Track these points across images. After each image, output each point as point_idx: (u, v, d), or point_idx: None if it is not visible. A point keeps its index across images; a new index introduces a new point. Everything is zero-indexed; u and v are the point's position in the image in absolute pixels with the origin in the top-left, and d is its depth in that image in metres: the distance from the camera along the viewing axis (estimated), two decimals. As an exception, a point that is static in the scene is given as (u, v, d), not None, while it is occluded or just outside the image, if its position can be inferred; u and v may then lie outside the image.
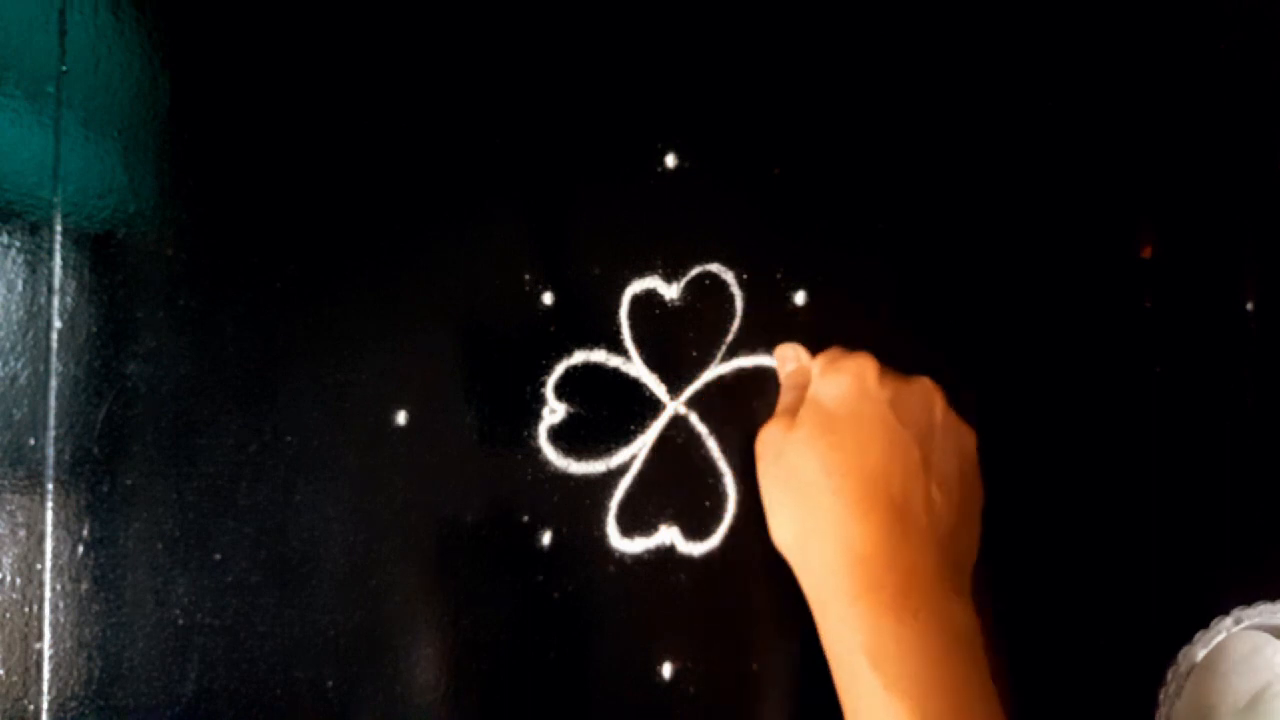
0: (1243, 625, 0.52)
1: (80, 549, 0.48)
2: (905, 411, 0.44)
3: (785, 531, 0.45)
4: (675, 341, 0.51)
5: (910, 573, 0.42)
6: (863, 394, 0.45)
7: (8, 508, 0.47)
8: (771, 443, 0.46)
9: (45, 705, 0.48)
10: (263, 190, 0.49)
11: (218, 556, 0.48)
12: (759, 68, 0.51)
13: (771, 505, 0.46)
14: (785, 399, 0.49)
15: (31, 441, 0.47)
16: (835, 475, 0.43)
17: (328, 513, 0.49)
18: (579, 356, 0.51)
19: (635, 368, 0.51)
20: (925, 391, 0.45)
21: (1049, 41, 0.53)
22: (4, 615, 0.47)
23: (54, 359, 0.47)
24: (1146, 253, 0.54)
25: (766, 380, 0.52)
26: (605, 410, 0.51)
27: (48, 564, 0.48)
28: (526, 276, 0.50)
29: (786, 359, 0.50)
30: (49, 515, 0.47)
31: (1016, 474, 0.53)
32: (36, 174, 0.47)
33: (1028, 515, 0.53)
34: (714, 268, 0.51)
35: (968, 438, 0.46)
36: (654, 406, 0.51)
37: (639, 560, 0.51)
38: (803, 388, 0.48)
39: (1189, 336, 0.54)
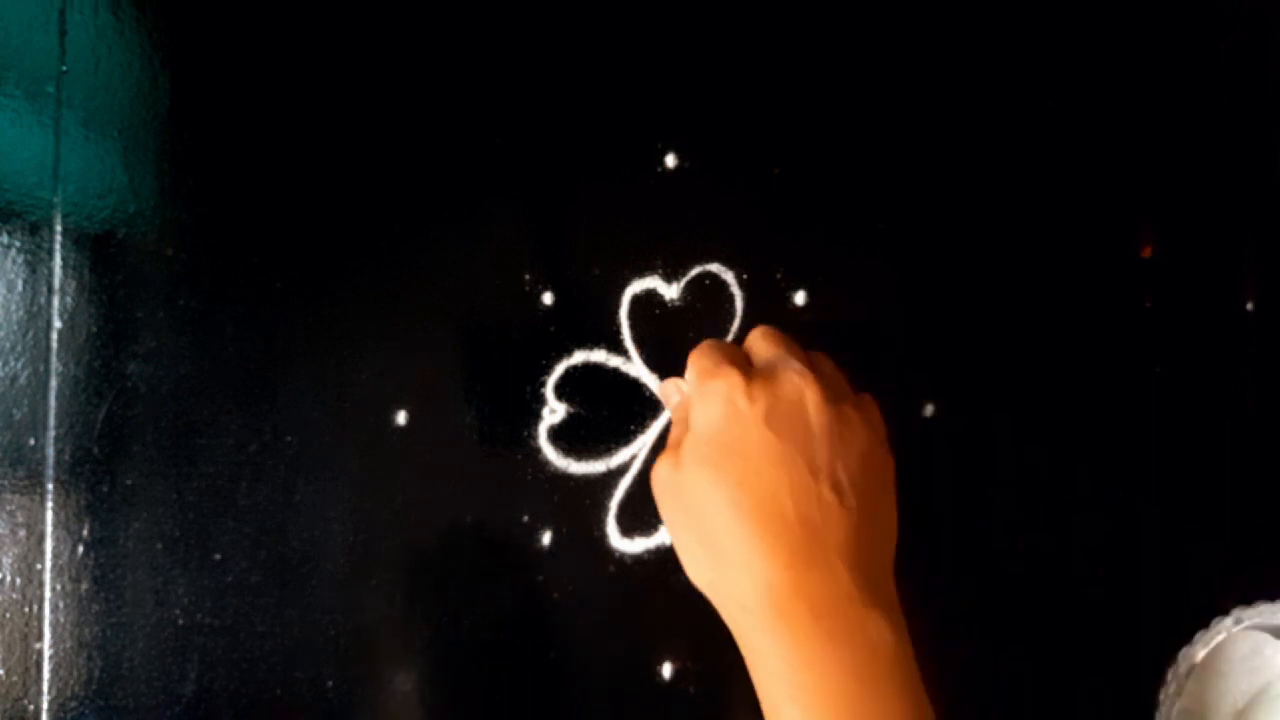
0: (1243, 625, 0.52)
1: (80, 549, 0.48)
2: (781, 421, 0.41)
3: (698, 571, 0.43)
4: (675, 341, 0.51)
5: (819, 593, 0.40)
6: (735, 416, 0.42)
7: (8, 508, 0.47)
8: (663, 482, 0.44)
9: (45, 705, 0.48)
10: (263, 190, 0.49)
11: (218, 556, 0.48)
12: (759, 68, 0.51)
13: (679, 546, 0.44)
14: (674, 432, 0.47)
15: (31, 441, 0.47)
16: (727, 508, 0.41)
17: (328, 513, 0.49)
18: (579, 356, 0.51)
19: (635, 368, 0.51)
20: (797, 392, 0.42)
21: (1049, 41, 0.53)
22: (4, 615, 0.47)
23: (54, 359, 0.47)
24: (1146, 253, 0.54)
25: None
26: (605, 410, 0.51)
27: (48, 564, 0.48)
28: (526, 276, 0.50)
29: (670, 395, 0.48)
30: (49, 515, 0.47)
31: (1016, 474, 0.53)
32: (36, 174, 0.47)
33: (1028, 515, 0.53)
34: (714, 268, 0.51)
35: (856, 427, 0.43)
36: (654, 406, 0.51)
37: (639, 560, 0.51)
38: (687, 420, 0.45)
39: (1189, 336, 0.54)
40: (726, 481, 0.41)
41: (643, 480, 0.51)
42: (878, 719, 0.39)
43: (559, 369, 0.50)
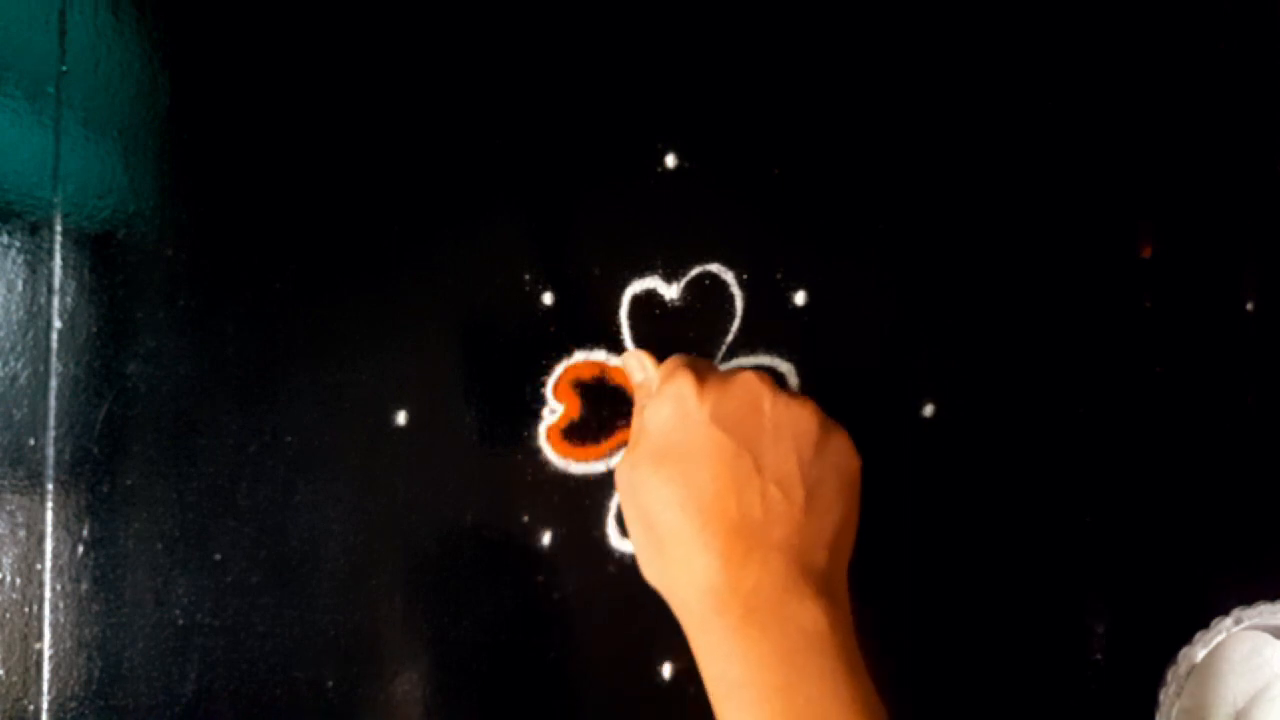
0: (1243, 625, 0.52)
1: (80, 549, 0.48)
2: (729, 419, 0.42)
3: (650, 569, 0.44)
4: (675, 341, 0.51)
5: (755, 590, 0.40)
6: (684, 417, 0.42)
7: (8, 508, 0.47)
8: (622, 481, 0.45)
9: (45, 705, 0.48)
10: (263, 190, 0.49)
11: (218, 556, 0.48)
12: (758, 68, 0.51)
13: (635, 544, 0.44)
14: (635, 423, 0.47)
15: (31, 441, 0.47)
16: (672, 508, 0.41)
17: (328, 513, 0.49)
18: (579, 356, 0.51)
19: (635, 368, 0.51)
20: (748, 388, 0.43)
21: (1049, 41, 0.53)
22: (4, 615, 0.47)
23: (54, 359, 0.47)
24: (1146, 253, 0.54)
25: (766, 380, 0.52)
26: (605, 410, 0.51)
27: (48, 564, 0.48)
28: (526, 276, 0.50)
29: (633, 369, 0.49)
30: (49, 515, 0.47)
31: (1016, 474, 0.53)
32: (36, 174, 0.47)
33: (1028, 515, 0.53)
34: (714, 268, 0.51)
35: (805, 420, 0.43)
36: (654, 406, 0.51)
37: (639, 560, 0.51)
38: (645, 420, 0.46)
39: (1189, 336, 0.54)
40: (673, 482, 0.42)
41: (643, 480, 0.51)
42: (811, 702, 0.39)
43: (559, 369, 0.50)
